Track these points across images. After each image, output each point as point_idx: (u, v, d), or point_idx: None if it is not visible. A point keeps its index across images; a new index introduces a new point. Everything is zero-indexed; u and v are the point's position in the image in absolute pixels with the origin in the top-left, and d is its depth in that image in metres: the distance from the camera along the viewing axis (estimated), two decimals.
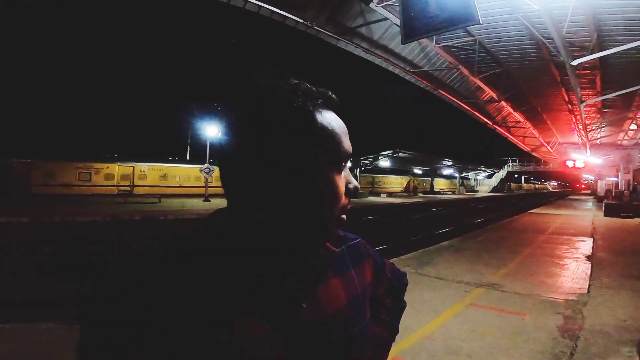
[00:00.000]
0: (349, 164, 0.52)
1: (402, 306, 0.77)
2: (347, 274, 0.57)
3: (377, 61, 7.95)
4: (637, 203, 16.78)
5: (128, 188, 20.74)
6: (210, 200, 18.63)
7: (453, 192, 47.28)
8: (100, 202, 15.68)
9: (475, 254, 6.95)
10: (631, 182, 19.14)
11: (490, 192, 49.79)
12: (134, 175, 21.41)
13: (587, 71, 7.53)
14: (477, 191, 51.70)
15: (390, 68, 8.34)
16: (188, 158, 27.98)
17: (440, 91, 10.23)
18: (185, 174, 23.55)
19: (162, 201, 17.05)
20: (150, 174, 22.16)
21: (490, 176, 53.05)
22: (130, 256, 0.47)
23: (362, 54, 7.58)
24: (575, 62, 5.84)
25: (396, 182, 39.84)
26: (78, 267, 6.52)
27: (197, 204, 17.24)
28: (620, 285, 4.85)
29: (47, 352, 2.69)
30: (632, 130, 14.62)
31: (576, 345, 2.97)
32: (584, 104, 8.85)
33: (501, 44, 7.36)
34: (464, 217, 18.23)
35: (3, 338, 2.86)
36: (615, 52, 5.76)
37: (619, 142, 17.98)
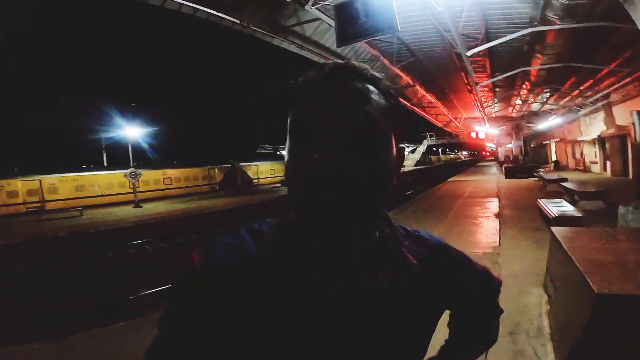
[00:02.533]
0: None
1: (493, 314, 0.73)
2: (421, 287, 0.53)
3: (309, 55, 8.39)
4: (528, 165, 20.00)
5: (38, 205, 18.09)
6: (141, 206, 17.32)
7: None
8: (9, 224, 13.52)
9: (410, 222, 7.91)
10: (522, 148, 22.71)
11: (414, 165, 53.86)
12: (42, 189, 18.64)
13: (480, 58, 8.93)
14: (403, 166, 55.57)
15: (322, 61, 8.81)
16: (105, 164, 25.16)
17: None
18: (106, 182, 21.19)
19: (84, 213, 15.34)
20: (62, 186, 19.47)
21: (413, 151, 57.14)
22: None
23: (296, 50, 7.97)
24: (469, 53, 6.99)
25: None
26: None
27: (127, 211, 15.90)
28: (522, 236, 5.76)
29: None
30: (518, 104, 17.40)
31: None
32: (478, 85, 10.47)
33: (415, 37, 8.40)
34: (394, 192, 20.00)
35: None
36: (499, 43, 6.98)
37: (510, 114, 21.13)
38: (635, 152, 11.19)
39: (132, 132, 19.40)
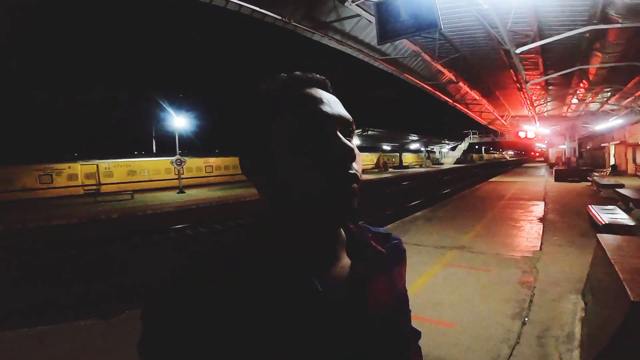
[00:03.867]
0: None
1: None
2: (391, 273, 0.57)
3: (349, 51, 8.40)
4: (582, 168, 18.51)
5: (95, 187, 19.89)
6: (184, 192, 18.46)
7: (420, 166, 48.62)
8: (68, 204, 14.92)
9: (446, 221, 7.61)
10: (577, 150, 21.01)
11: (454, 163, 51.63)
12: (99, 173, 20.46)
13: (531, 55, 8.39)
14: (442, 163, 53.54)
15: (361, 57, 8.85)
16: (155, 151, 26.93)
17: (406, 75, 10.98)
18: (154, 168, 22.79)
19: (134, 197, 16.67)
20: (116, 170, 21.25)
21: (453, 148, 55.00)
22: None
23: (335, 45, 8.02)
24: (518, 50, 6.63)
25: (366, 159, 40.70)
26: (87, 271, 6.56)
27: (171, 196, 17.02)
28: (566, 242, 5.51)
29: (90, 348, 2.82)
30: (574, 104, 16.10)
31: (534, 294, 3.44)
32: (529, 83, 9.86)
33: (459, 33, 8.08)
34: (432, 189, 19.11)
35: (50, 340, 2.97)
36: (551, 40, 6.56)
37: (564, 114, 19.59)
38: None
39: (179, 122, 20.58)
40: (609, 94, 13.33)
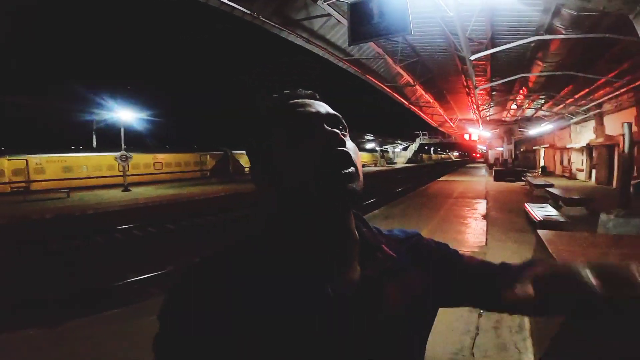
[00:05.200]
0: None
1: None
2: (405, 276, 0.56)
3: (316, 50, 8.36)
4: (517, 169, 20.35)
5: (23, 185, 17.72)
6: (130, 190, 17.14)
7: (375, 165, 50.14)
8: None
9: (402, 219, 7.93)
10: (513, 152, 23.09)
11: (406, 163, 54.17)
12: (28, 169, 18.22)
13: (482, 62, 9.02)
14: (395, 163, 55.87)
15: (327, 56, 8.87)
16: (95, 146, 24.64)
17: (368, 76, 11.26)
18: (95, 164, 20.79)
19: (71, 195, 15.10)
20: (49, 166, 19.02)
21: (405, 148, 57.53)
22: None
23: (302, 43, 7.93)
24: (473, 57, 7.07)
25: None
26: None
27: (115, 194, 15.69)
28: (507, 237, 6.00)
29: None
30: (513, 109, 17.66)
31: None
32: (477, 88, 10.60)
33: (420, 38, 8.40)
34: (387, 187, 19.72)
35: None
36: (502, 49, 7.08)
37: (504, 118, 21.41)
38: (623, 162, 11.57)
39: (125, 115, 19.10)
40: (543, 101, 14.79)
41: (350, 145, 0.51)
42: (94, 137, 25.41)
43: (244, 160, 30.43)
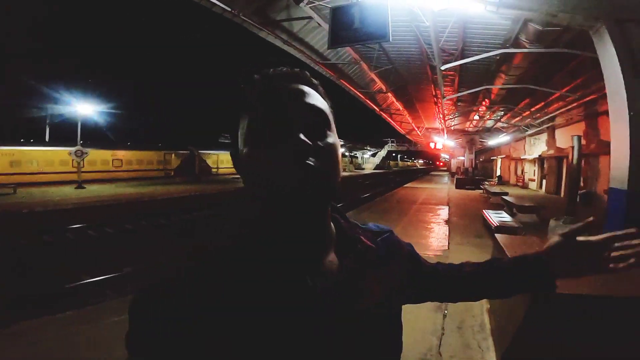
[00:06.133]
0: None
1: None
2: (386, 268, 0.58)
3: (292, 52, 8.30)
4: (477, 178, 21.50)
5: None
6: (85, 187, 15.98)
7: (344, 170, 51.11)
8: None
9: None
10: (473, 161, 24.35)
11: (374, 169, 55.66)
12: None
13: (451, 72, 9.43)
14: (363, 168, 57.10)
15: (303, 58, 8.86)
16: (48, 140, 22.79)
17: (342, 81, 11.36)
18: (46, 158, 19.22)
19: (18, 191, 13.84)
20: None
21: (373, 155, 58.84)
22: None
23: (280, 44, 7.87)
24: (444, 67, 7.39)
25: None
26: None
27: (67, 192, 14.57)
28: (466, 242, 6.31)
29: None
30: (475, 120, 18.65)
31: None
32: (445, 98, 11.06)
33: (396, 46, 8.62)
34: (355, 192, 20.19)
35: None
36: (471, 60, 7.45)
37: (467, 129, 22.54)
38: (570, 173, 12.60)
39: (83, 108, 17.87)
40: (503, 112, 15.74)
41: (331, 141, 0.48)
42: (47, 130, 23.55)
43: (212, 161, 29.60)
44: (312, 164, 0.44)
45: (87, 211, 10.85)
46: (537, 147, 18.21)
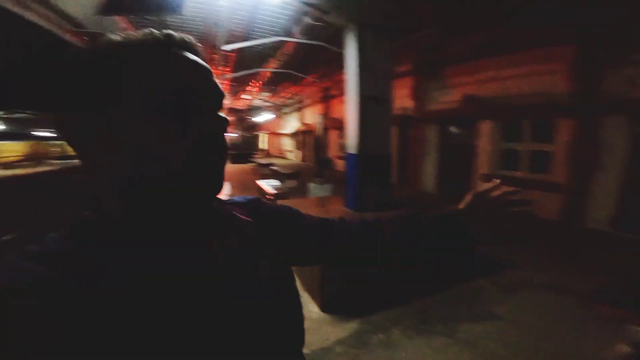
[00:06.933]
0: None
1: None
2: (265, 238, 0.56)
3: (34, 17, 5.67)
4: (246, 152, 22.82)
5: None
6: None
7: None
8: None
9: None
10: (244, 137, 26.35)
11: None
12: None
13: (232, 54, 9.74)
14: None
15: (43, 24, 6.27)
16: None
17: None
18: None
19: None
20: None
21: None
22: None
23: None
24: (228, 47, 7.61)
25: (11, 150, 27.90)
26: None
27: None
28: None
29: None
30: (246, 99, 20.14)
31: None
32: (222, 77, 11.48)
33: (186, 24, 7.57)
34: None
35: None
36: (249, 45, 7.77)
37: (238, 107, 24.02)
38: (316, 143, 16.11)
39: None
40: (268, 93, 17.88)
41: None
42: None
43: None
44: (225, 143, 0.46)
45: None
46: (292, 123, 22.13)
